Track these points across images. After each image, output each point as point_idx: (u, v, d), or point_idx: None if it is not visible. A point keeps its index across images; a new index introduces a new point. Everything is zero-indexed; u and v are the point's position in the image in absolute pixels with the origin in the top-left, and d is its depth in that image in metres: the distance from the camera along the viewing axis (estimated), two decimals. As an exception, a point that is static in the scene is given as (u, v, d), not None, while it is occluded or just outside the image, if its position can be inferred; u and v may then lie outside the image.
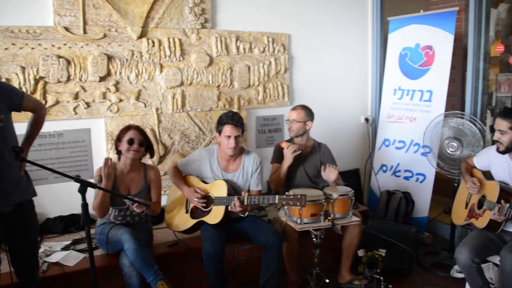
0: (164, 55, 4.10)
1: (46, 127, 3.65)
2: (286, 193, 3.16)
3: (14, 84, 3.52)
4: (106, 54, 3.86)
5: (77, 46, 3.76)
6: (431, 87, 4.63)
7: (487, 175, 3.33)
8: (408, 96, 4.87)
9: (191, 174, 3.59)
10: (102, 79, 3.87)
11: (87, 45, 3.79)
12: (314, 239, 3.26)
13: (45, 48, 3.64)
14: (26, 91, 3.56)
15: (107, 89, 3.91)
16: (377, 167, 5.17)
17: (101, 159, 3.78)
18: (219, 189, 3.38)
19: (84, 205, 2.47)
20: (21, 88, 3.55)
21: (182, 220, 3.49)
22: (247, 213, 3.34)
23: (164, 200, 3.73)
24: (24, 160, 2.50)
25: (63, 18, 3.67)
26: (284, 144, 3.75)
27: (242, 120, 3.50)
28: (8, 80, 3.54)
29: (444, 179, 4.37)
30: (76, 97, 3.80)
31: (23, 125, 2.70)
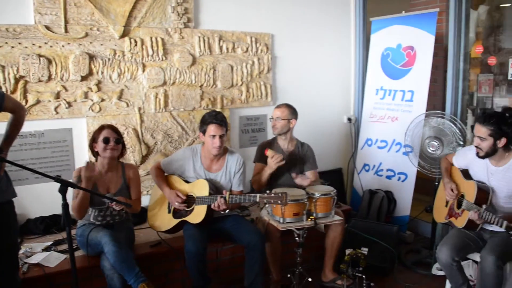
0: (147, 55, 4.08)
1: (27, 127, 3.62)
2: (267, 192, 3.14)
3: (-6, 83, 3.48)
4: (88, 53, 3.83)
5: (58, 45, 3.72)
6: (413, 87, 4.68)
7: (466, 174, 3.35)
8: (390, 96, 4.92)
9: (174, 174, 3.58)
10: (84, 79, 3.84)
11: (69, 44, 3.76)
12: (297, 238, 3.28)
13: (26, 47, 3.60)
14: (6, 91, 3.53)
15: (89, 89, 3.88)
16: (360, 167, 5.21)
17: (83, 159, 3.77)
18: (201, 189, 3.37)
19: (65, 206, 2.44)
20: (1, 88, 3.51)
21: (165, 220, 3.48)
22: (228, 211, 3.32)
23: (147, 200, 3.72)
24: (4, 161, 2.48)
25: (44, 17, 3.64)
26: (269, 153, 3.65)
27: (226, 119, 3.50)
28: (-12, 79, 3.50)
29: (425, 178, 4.41)
30: (58, 97, 3.77)
31: (3, 125, 2.68)
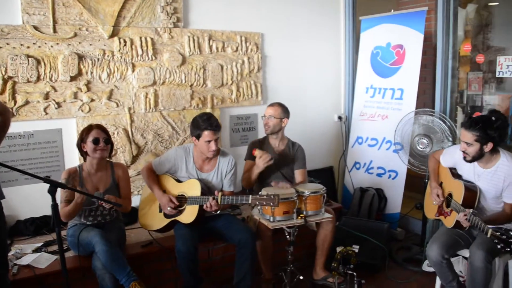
0: (136, 54, 4.07)
1: (16, 128, 3.63)
2: (260, 193, 3.16)
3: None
4: (77, 54, 3.81)
5: (47, 46, 3.70)
6: (402, 85, 4.70)
7: (454, 173, 3.37)
8: (380, 94, 4.94)
9: (166, 173, 3.57)
10: (73, 79, 3.82)
11: (57, 44, 3.74)
12: (288, 237, 3.29)
13: (14, 48, 3.58)
14: (-5, 91, 3.51)
15: (78, 89, 3.86)
16: (351, 165, 5.23)
17: (73, 160, 3.77)
18: (193, 188, 3.36)
19: (54, 206, 2.44)
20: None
21: (156, 219, 3.48)
22: (219, 211, 3.33)
23: (138, 200, 3.71)
24: (-8, 162, 2.46)
25: (32, 17, 3.62)
26: (257, 153, 3.65)
27: (219, 122, 3.49)
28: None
29: (416, 175, 4.44)
30: (47, 97, 3.75)
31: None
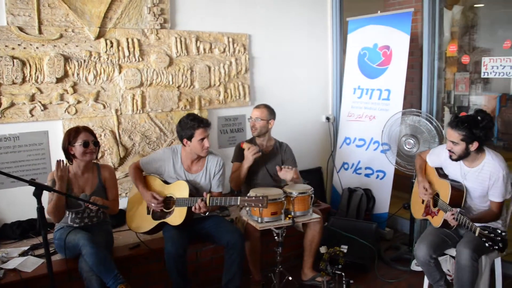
0: (123, 56, 4.04)
1: (2, 130, 3.60)
2: (248, 195, 3.15)
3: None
4: (63, 55, 3.78)
5: (32, 47, 3.67)
6: (389, 86, 4.73)
7: (441, 173, 3.40)
8: (367, 95, 4.97)
9: (153, 174, 3.56)
10: (59, 80, 3.79)
11: (43, 46, 3.71)
12: (276, 238, 3.28)
13: (-2, 49, 3.56)
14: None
15: (65, 91, 3.83)
16: (339, 165, 5.25)
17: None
18: (181, 190, 3.35)
19: (40, 209, 2.42)
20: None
21: (144, 221, 3.46)
22: (208, 213, 3.33)
23: (126, 202, 3.69)
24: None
25: (17, 18, 3.58)
26: (245, 145, 3.75)
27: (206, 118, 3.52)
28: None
29: (403, 175, 4.47)
30: (32, 99, 3.71)
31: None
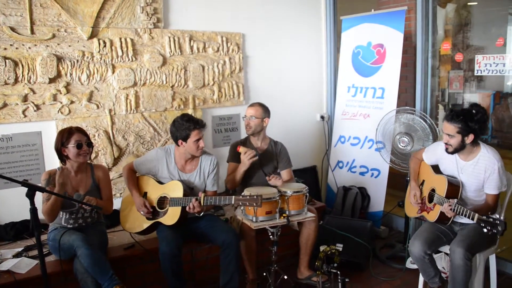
0: (116, 56, 4.03)
1: (-6, 131, 3.56)
2: (242, 194, 3.15)
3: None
4: (56, 55, 3.76)
5: (25, 47, 3.65)
6: (383, 84, 4.73)
7: (436, 169, 3.41)
8: (362, 94, 4.97)
9: (147, 174, 3.54)
10: (52, 81, 3.77)
11: (35, 46, 3.69)
12: (271, 237, 3.29)
13: (-10, 49, 3.53)
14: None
15: (58, 91, 3.81)
16: (334, 164, 5.25)
17: (53, 163, 3.70)
18: (175, 190, 3.35)
19: (33, 210, 2.40)
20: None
21: (138, 222, 3.44)
22: (203, 213, 3.32)
23: (120, 202, 3.67)
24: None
25: (9, 18, 3.56)
26: (242, 149, 3.69)
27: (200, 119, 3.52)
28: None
29: (398, 173, 4.47)
30: (25, 100, 3.69)
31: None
